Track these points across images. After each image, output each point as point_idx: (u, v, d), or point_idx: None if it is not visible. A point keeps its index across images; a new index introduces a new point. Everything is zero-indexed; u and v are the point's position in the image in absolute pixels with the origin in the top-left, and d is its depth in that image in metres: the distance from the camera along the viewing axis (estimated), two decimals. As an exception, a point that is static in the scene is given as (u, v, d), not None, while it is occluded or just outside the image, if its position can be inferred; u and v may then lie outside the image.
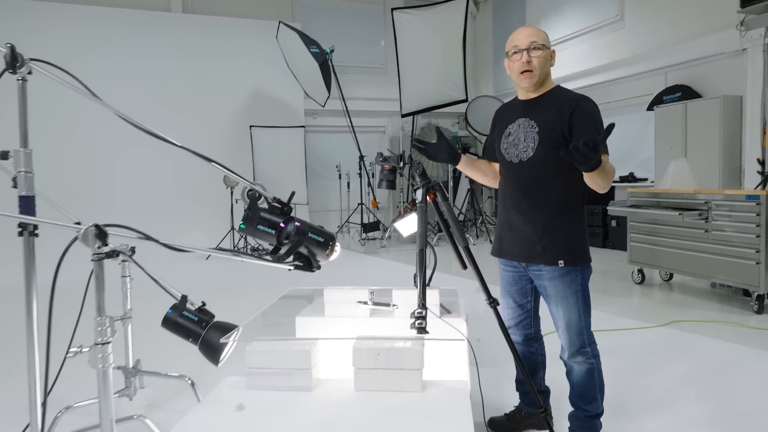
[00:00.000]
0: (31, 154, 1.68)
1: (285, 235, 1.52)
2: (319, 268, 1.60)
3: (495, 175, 2.21)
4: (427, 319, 1.64)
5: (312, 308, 2.20)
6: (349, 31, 10.14)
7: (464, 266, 1.96)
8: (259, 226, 1.53)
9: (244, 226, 1.54)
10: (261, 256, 1.54)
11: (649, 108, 6.79)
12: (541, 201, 1.94)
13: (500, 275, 2.19)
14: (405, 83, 8.43)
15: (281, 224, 1.52)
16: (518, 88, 2.02)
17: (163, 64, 8.44)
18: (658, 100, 6.68)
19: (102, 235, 1.27)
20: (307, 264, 1.57)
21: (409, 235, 2.26)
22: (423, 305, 1.65)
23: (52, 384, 1.43)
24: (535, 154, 1.93)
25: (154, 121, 1.65)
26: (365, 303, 2.14)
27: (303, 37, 8.02)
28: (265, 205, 1.56)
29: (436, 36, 8.11)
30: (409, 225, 2.20)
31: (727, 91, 5.98)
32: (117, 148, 7.85)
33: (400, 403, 1.61)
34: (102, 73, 7.71)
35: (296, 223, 1.52)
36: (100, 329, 1.29)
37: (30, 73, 1.67)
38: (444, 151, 2.00)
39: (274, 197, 1.57)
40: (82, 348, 1.32)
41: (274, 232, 1.53)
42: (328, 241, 1.56)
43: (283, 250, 1.53)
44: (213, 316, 1.84)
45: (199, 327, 1.76)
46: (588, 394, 2.02)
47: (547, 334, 2.25)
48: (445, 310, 2.18)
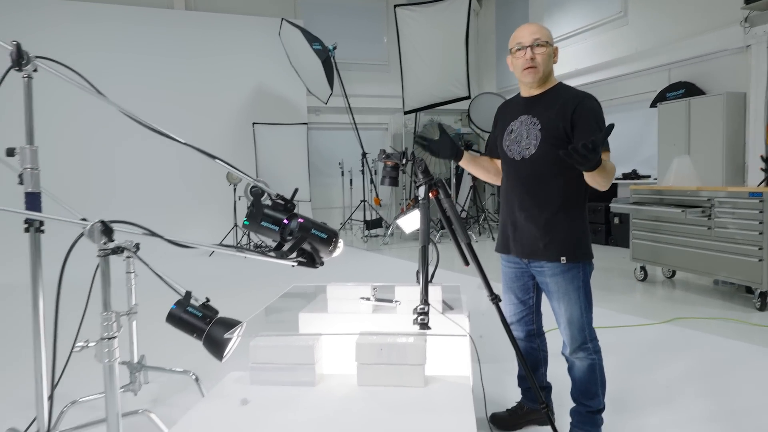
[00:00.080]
0: (36, 151, 1.70)
1: (288, 231, 1.53)
2: (322, 264, 1.61)
3: (497, 172, 2.22)
4: (430, 315, 1.65)
5: (315, 305, 2.21)
6: (352, 27, 10.14)
7: (466, 263, 1.97)
8: (263, 223, 1.54)
9: (248, 222, 1.55)
10: (265, 252, 1.55)
11: (653, 105, 6.77)
12: (543, 198, 1.95)
13: (502, 271, 2.20)
14: (407, 80, 8.42)
15: (284, 221, 1.53)
16: (521, 84, 2.02)
17: (166, 62, 8.46)
18: (662, 97, 6.66)
19: (108, 231, 1.28)
20: (310, 260, 1.59)
21: (412, 232, 2.27)
22: (425, 301, 1.66)
23: (59, 377, 1.44)
24: (538, 152, 1.93)
25: (157, 118, 1.66)
26: (368, 299, 2.15)
27: (306, 34, 8.03)
28: (269, 202, 1.57)
29: (438, 33, 8.10)
30: (411, 222, 2.21)
31: (730, 87, 5.96)
32: (120, 145, 7.88)
33: (402, 398, 1.63)
34: (105, 70, 7.74)
35: (299, 220, 1.54)
36: (106, 324, 1.30)
37: (35, 70, 1.68)
38: (446, 148, 2.01)
39: (278, 194, 1.58)
40: (89, 342, 1.33)
41: (277, 228, 1.54)
42: (331, 238, 1.57)
43: (287, 246, 1.55)
44: (217, 312, 1.85)
45: (203, 323, 1.77)
46: (589, 389, 2.03)
47: (549, 331, 2.26)
48: (448, 307, 2.19)
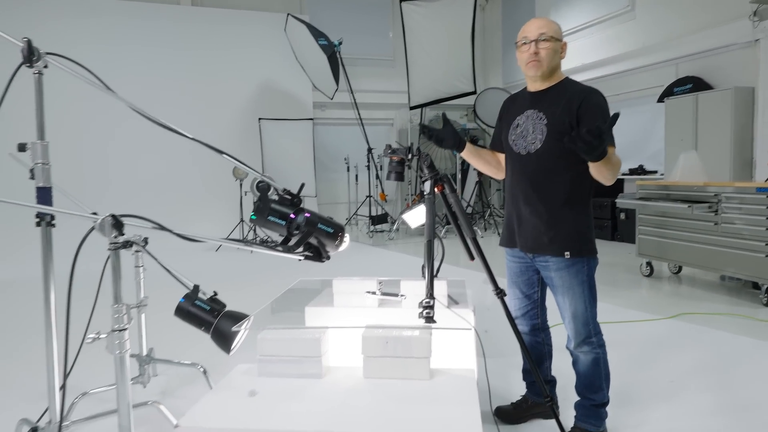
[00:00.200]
0: (47, 146, 1.72)
1: (295, 226, 1.55)
2: (329, 258, 1.63)
3: (498, 166, 2.22)
4: (435, 309, 1.67)
5: (321, 298, 2.24)
6: (358, 23, 10.12)
7: (472, 257, 1.98)
8: (270, 217, 1.56)
9: (255, 217, 1.57)
10: (272, 246, 1.57)
11: (660, 100, 6.74)
12: (549, 193, 1.95)
13: (507, 266, 2.21)
14: (413, 75, 8.41)
15: (291, 215, 1.55)
16: (527, 78, 2.03)
17: (172, 57, 8.48)
18: (669, 91, 6.62)
19: (118, 225, 1.31)
20: (317, 254, 1.60)
21: (417, 228, 2.28)
22: (431, 295, 1.68)
23: (71, 367, 1.47)
24: (543, 146, 1.94)
25: (164, 113, 1.68)
26: (374, 293, 2.17)
27: (311, 29, 8.03)
28: (275, 197, 1.59)
29: (444, 28, 8.07)
30: (417, 216, 2.22)
31: (739, 82, 5.91)
32: (127, 140, 7.91)
33: (408, 391, 1.65)
34: (111, 65, 7.75)
35: (306, 214, 1.55)
36: (117, 316, 1.33)
37: (46, 66, 1.70)
38: (450, 138, 2.02)
39: (284, 189, 1.60)
40: (100, 334, 1.36)
41: (284, 223, 1.56)
42: (338, 232, 1.59)
43: (293, 240, 1.56)
44: (224, 306, 1.87)
45: (211, 316, 1.79)
46: (594, 383, 2.04)
47: (554, 326, 2.27)
48: (453, 301, 2.20)
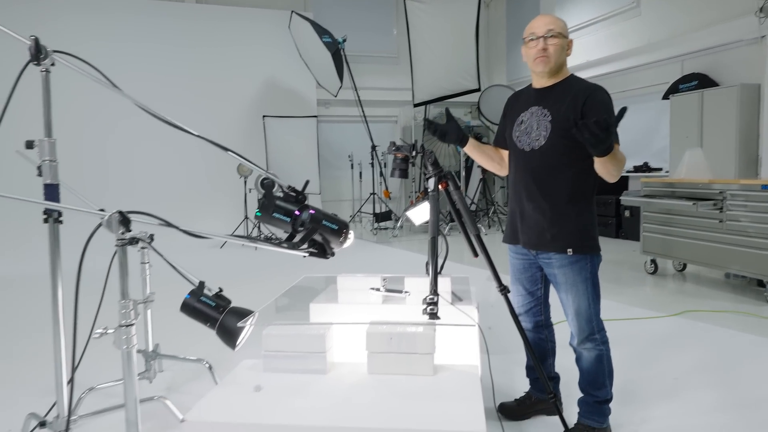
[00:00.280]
0: (55, 144, 1.74)
1: (300, 222, 1.56)
2: (333, 255, 1.64)
3: (501, 162, 2.23)
4: (439, 306, 1.68)
5: (326, 295, 2.25)
6: (362, 20, 10.11)
7: (475, 254, 1.99)
8: (275, 214, 1.57)
9: (260, 213, 1.58)
10: (277, 243, 1.58)
11: (665, 97, 6.71)
12: (552, 189, 1.96)
13: (510, 263, 2.22)
14: (417, 72, 8.40)
15: (296, 212, 1.56)
16: (533, 75, 2.03)
17: (176, 54, 8.50)
18: (674, 88, 6.59)
19: (125, 221, 1.32)
20: (321, 251, 1.62)
21: (421, 225, 2.29)
22: (435, 292, 1.69)
23: (78, 361, 1.49)
24: (547, 143, 1.94)
25: (168, 110, 1.68)
26: (378, 290, 2.18)
27: (315, 26, 8.03)
28: (280, 194, 1.60)
29: (448, 25, 8.06)
30: (421, 214, 2.23)
31: (744, 79, 5.88)
32: (131, 137, 7.93)
33: (412, 386, 1.66)
34: (114, 62, 7.76)
35: (311, 211, 1.56)
36: (124, 312, 1.34)
37: (53, 64, 1.72)
38: (453, 132, 2.03)
39: (289, 186, 1.61)
40: (107, 329, 1.37)
41: (289, 219, 1.57)
42: (342, 229, 1.60)
43: (298, 237, 1.57)
44: (230, 302, 1.88)
45: (216, 312, 1.81)
46: (597, 380, 2.05)
47: (558, 323, 2.28)
48: (457, 298, 2.21)
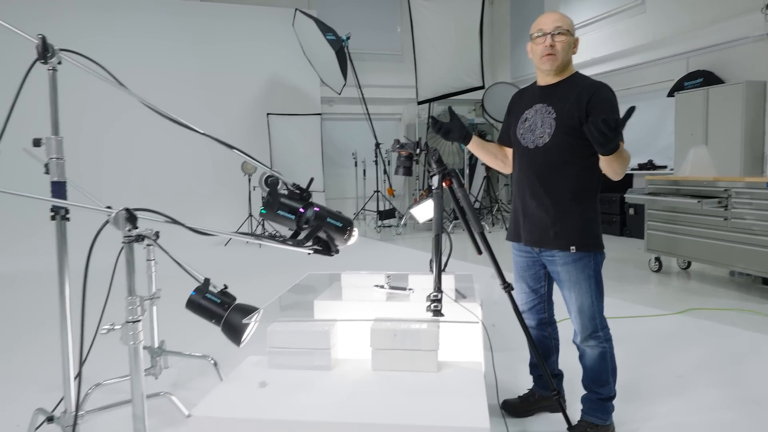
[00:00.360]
0: (62, 142, 1.75)
1: (304, 220, 1.57)
2: (338, 252, 1.65)
3: (505, 159, 2.23)
4: (443, 303, 1.68)
5: (330, 292, 2.26)
6: (365, 18, 10.11)
7: (479, 251, 2.00)
8: (280, 212, 1.58)
9: (265, 211, 1.59)
10: (282, 240, 1.59)
11: (670, 94, 6.68)
12: (556, 187, 1.96)
13: (514, 260, 2.22)
14: (421, 70, 8.40)
15: (301, 209, 1.57)
16: (538, 72, 2.03)
17: (180, 52, 8.52)
18: (679, 86, 6.57)
19: (132, 218, 1.33)
20: (326, 248, 1.63)
21: (425, 222, 2.30)
22: (439, 289, 1.69)
23: (85, 357, 1.51)
24: (551, 140, 1.94)
25: (172, 108, 1.70)
26: (382, 287, 2.19)
27: (319, 24, 8.04)
28: (285, 191, 1.61)
29: (452, 22, 8.05)
30: (425, 211, 2.23)
31: (750, 76, 5.85)
32: (136, 135, 7.97)
33: (415, 383, 1.67)
34: (118, 59, 7.79)
35: (315, 209, 1.57)
36: (131, 308, 1.36)
37: (60, 63, 1.73)
38: (456, 130, 2.04)
39: (294, 183, 1.62)
40: (114, 325, 1.39)
41: (293, 217, 1.58)
42: (347, 226, 1.61)
43: (303, 234, 1.58)
44: (235, 299, 1.90)
45: (221, 309, 1.83)
46: (600, 377, 2.05)
47: (561, 321, 2.28)
48: (461, 295, 2.22)
